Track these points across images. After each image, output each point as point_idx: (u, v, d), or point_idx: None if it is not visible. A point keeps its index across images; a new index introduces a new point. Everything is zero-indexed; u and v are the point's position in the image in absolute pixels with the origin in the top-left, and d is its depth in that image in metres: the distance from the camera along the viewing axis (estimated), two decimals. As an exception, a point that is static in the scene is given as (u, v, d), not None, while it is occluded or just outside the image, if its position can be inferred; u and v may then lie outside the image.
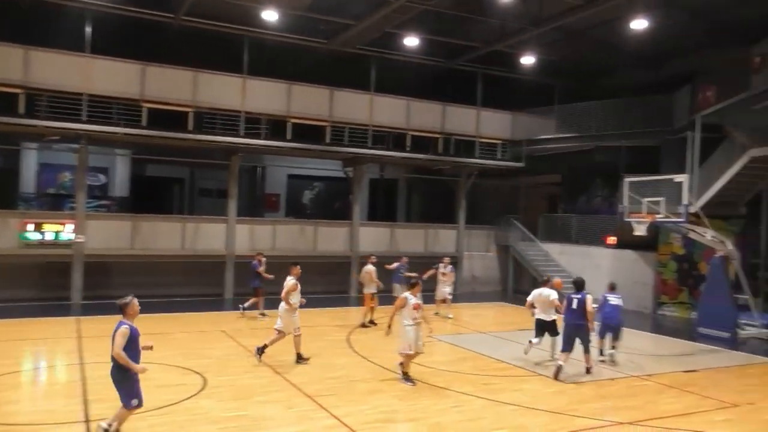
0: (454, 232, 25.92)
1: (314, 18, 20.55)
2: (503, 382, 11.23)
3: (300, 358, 12.05)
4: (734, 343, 15.81)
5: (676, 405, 10.13)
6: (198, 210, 26.50)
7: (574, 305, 11.89)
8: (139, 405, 7.55)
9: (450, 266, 19.29)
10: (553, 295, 12.59)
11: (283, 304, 12.01)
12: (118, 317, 7.62)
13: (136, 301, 7.72)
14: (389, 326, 10.92)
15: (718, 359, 14.02)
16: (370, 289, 16.71)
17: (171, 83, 19.66)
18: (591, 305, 11.91)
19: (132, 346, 7.44)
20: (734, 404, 10.23)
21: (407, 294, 10.95)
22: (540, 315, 12.76)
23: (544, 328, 12.76)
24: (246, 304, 17.39)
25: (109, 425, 7.49)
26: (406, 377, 10.86)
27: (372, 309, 16.73)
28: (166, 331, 14.96)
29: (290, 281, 12.16)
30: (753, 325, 16.79)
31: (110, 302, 19.55)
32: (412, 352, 10.86)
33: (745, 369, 13.21)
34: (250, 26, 20.57)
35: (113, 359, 7.40)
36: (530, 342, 12.99)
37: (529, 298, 13.09)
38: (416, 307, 10.78)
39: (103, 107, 18.66)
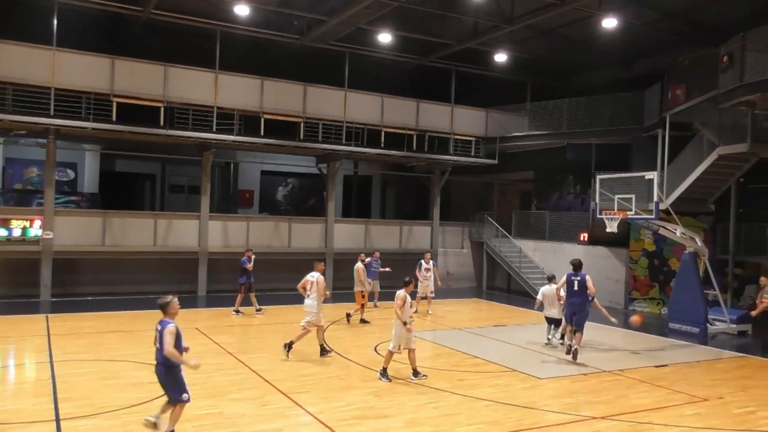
0: (429, 228, 25.97)
1: (287, 13, 20.43)
2: (478, 378, 11.27)
3: (289, 346, 12.35)
4: (704, 338, 16.08)
5: (647, 399, 10.26)
6: (169, 206, 26.21)
7: (576, 286, 12.88)
8: (188, 399, 7.62)
9: (432, 261, 19.27)
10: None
11: (314, 300, 12.36)
12: (89, 314, 7.52)
13: (176, 300, 7.77)
14: (404, 323, 10.83)
15: (688, 354, 14.24)
16: (357, 287, 17.07)
17: (141, 78, 19.35)
18: (592, 284, 12.84)
19: (178, 344, 7.50)
20: (704, 398, 10.39)
21: (405, 292, 11.02)
22: (549, 313, 14.24)
23: (552, 322, 14.32)
24: (256, 306, 17.57)
25: (156, 419, 7.59)
26: (384, 373, 10.84)
27: (362, 306, 16.90)
28: (138, 329, 14.75)
29: (320, 277, 12.55)
30: (722, 321, 17.09)
31: (80, 299, 19.42)
32: (400, 352, 10.95)
33: (715, 364, 13.44)
34: (222, 21, 20.38)
35: (164, 358, 7.45)
36: (549, 339, 14.36)
37: (539, 297, 14.52)
38: (411, 305, 11.08)
39: (71, 101, 18.29)
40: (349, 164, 27.86)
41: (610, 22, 19.13)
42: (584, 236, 23.02)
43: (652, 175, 16.78)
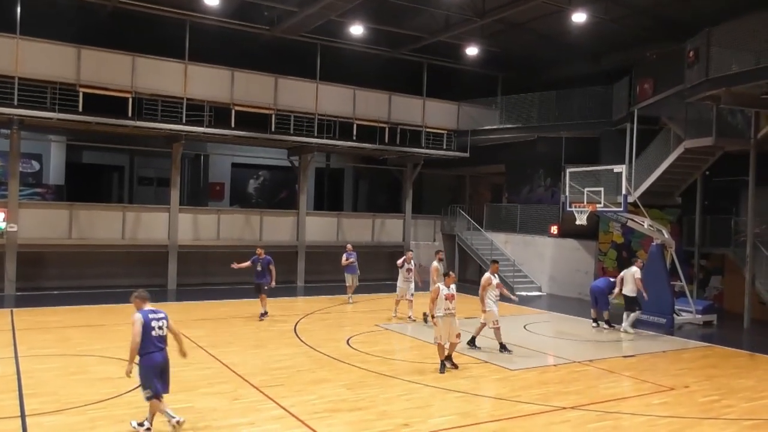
0: (401, 221, 26.02)
1: (257, 3, 20.24)
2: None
3: (503, 348, 12.78)
4: (670, 329, 16.36)
5: (615, 389, 10.43)
6: (138, 199, 25.84)
7: None
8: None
9: (414, 261, 17.19)
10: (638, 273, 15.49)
11: (489, 299, 12.86)
12: (55, 309, 7.39)
13: (141, 293, 7.87)
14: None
15: (655, 344, 14.47)
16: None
17: (108, 68, 19.01)
18: None
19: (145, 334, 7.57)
20: (670, 388, 10.57)
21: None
22: (626, 291, 15.43)
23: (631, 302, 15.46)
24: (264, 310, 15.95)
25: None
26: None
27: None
28: (107, 323, 14.54)
29: (485, 277, 13.05)
30: (688, 311, 17.38)
31: (46, 294, 19.08)
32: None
33: (681, 354, 13.68)
34: (191, 10, 20.10)
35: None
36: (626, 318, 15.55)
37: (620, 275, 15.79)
38: (449, 298, 11.37)
39: (36, 91, 17.90)
40: (321, 157, 27.75)
41: (579, 17, 19.32)
42: (554, 229, 23.25)
43: (621, 168, 16.99)
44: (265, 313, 15.90)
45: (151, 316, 7.64)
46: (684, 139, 18.20)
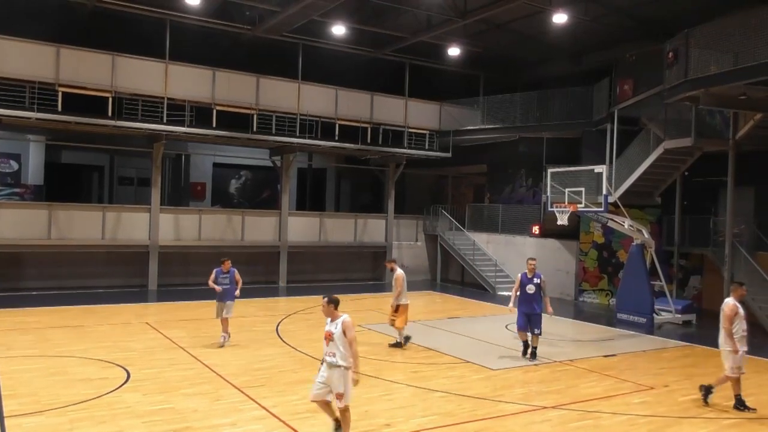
0: (383, 221, 26.00)
1: (239, 3, 20.17)
2: (432, 369, 11.35)
3: (742, 405, 9.42)
4: (650, 328, 16.51)
5: (596, 388, 10.49)
6: (118, 199, 25.61)
7: None
8: None
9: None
10: None
11: (723, 339, 9.41)
12: (35, 309, 7.23)
13: None
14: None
15: (636, 344, 14.59)
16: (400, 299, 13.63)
17: (88, 67, 18.82)
18: None
19: None
20: (650, 387, 10.66)
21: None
22: None
23: None
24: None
25: None
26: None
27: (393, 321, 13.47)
28: (86, 324, 14.40)
29: (728, 303, 9.40)
30: (668, 311, 17.55)
31: (24, 294, 18.83)
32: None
33: (661, 353, 13.80)
34: (172, 10, 19.98)
35: None
36: None
37: None
38: (327, 337, 7.50)
39: (14, 90, 17.67)
40: (304, 157, 27.67)
41: (560, 18, 19.45)
42: (536, 229, 23.38)
43: (601, 168, 17.11)
44: None
45: None
46: (664, 139, 18.38)
